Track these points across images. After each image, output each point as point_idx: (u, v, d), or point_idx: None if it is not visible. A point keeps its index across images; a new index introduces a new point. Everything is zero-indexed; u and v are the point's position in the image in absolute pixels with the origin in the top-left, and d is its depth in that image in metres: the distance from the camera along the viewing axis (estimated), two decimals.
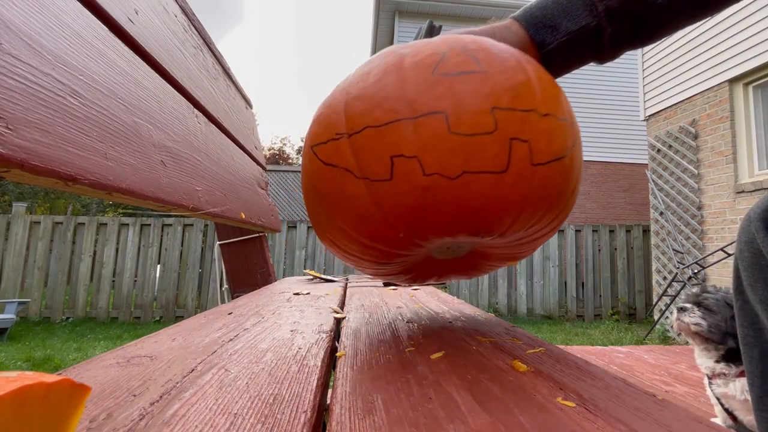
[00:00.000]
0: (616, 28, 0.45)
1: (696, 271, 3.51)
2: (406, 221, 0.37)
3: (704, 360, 1.30)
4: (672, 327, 1.36)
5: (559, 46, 0.46)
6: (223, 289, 3.29)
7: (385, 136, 0.35)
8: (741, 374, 1.21)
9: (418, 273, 0.48)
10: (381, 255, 0.41)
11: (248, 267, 1.32)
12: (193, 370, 0.31)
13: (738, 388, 1.19)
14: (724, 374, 1.23)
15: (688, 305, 1.31)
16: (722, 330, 1.21)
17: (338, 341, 0.43)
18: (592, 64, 0.50)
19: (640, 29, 0.45)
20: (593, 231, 4.93)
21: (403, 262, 0.43)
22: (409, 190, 0.35)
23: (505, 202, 0.35)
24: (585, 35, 0.45)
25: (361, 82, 0.38)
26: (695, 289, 1.38)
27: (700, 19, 0.46)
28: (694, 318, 1.27)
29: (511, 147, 0.34)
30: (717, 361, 1.26)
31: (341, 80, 0.44)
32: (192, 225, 4.71)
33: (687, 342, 1.37)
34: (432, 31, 0.52)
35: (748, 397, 0.55)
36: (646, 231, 4.89)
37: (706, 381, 1.32)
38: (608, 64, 0.49)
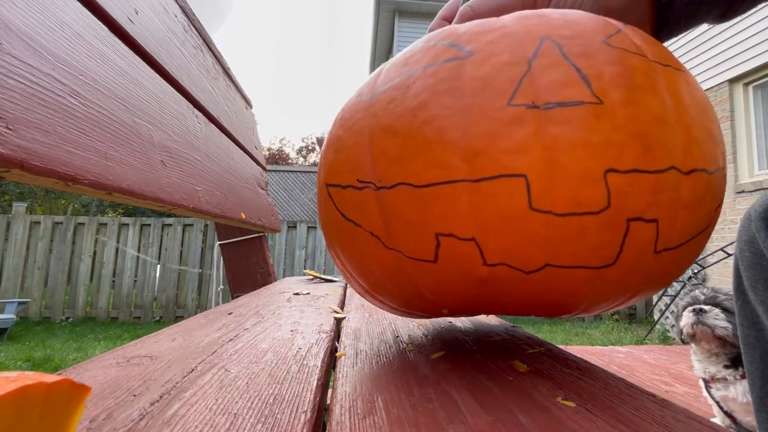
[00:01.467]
0: None
1: (696, 271, 3.51)
2: (454, 306, 0.28)
3: (708, 365, 1.24)
4: (681, 330, 1.28)
5: None
6: (219, 289, 3.29)
7: (429, 203, 0.24)
8: (743, 376, 1.18)
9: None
10: (411, 315, 0.34)
11: (248, 267, 1.32)
12: (193, 370, 0.31)
13: (740, 391, 1.17)
14: (725, 379, 1.21)
15: (707, 307, 1.20)
16: None
17: (338, 341, 0.43)
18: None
19: None
20: None
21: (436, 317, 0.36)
22: (460, 279, 0.25)
23: (599, 298, 0.25)
24: None
25: (394, 105, 0.25)
26: (704, 290, 1.30)
27: None
28: (720, 321, 1.16)
29: (627, 232, 0.22)
30: (726, 366, 1.20)
31: (373, 73, 0.30)
32: (192, 225, 4.72)
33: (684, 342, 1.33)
34: None
35: (750, 399, 0.55)
36: None
37: (702, 383, 1.31)
38: None
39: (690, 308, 1.25)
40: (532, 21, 0.25)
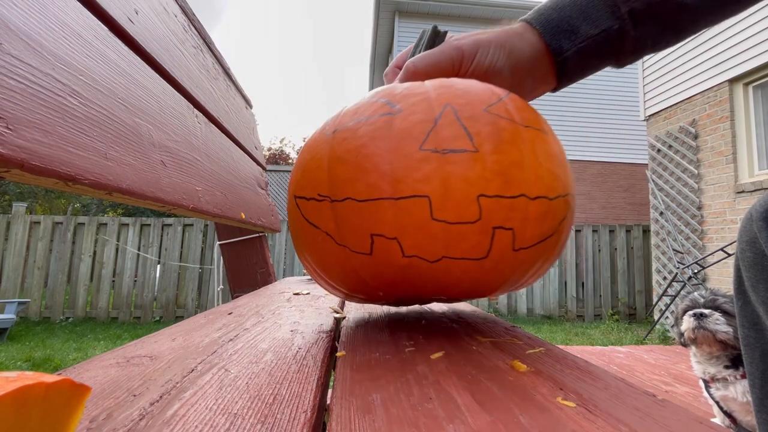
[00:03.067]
0: (641, 31, 0.41)
1: (696, 271, 3.51)
2: (386, 288, 0.38)
3: (708, 366, 1.24)
4: (681, 333, 1.28)
5: (577, 51, 0.42)
6: (219, 289, 3.29)
7: (366, 213, 0.33)
8: (743, 376, 1.18)
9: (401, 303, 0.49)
10: (362, 300, 0.43)
11: (248, 267, 1.32)
12: (193, 370, 0.31)
13: (739, 391, 1.17)
14: (725, 379, 1.21)
15: (707, 311, 1.20)
16: None
17: (338, 341, 0.43)
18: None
19: (666, 31, 0.41)
20: (593, 231, 4.93)
21: (386, 302, 0.46)
22: (388, 266, 0.34)
23: (484, 282, 0.36)
24: (606, 39, 0.41)
25: (346, 142, 0.35)
26: (703, 292, 1.30)
27: (729, 16, 0.42)
28: (720, 325, 1.17)
29: (493, 236, 0.32)
30: (726, 366, 1.19)
31: (335, 114, 0.39)
32: (192, 225, 4.72)
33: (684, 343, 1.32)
34: (436, 38, 0.46)
35: (749, 399, 0.55)
36: (646, 231, 4.90)
37: (702, 384, 1.31)
38: None
39: (690, 312, 1.25)
40: (443, 90, 0.36)
